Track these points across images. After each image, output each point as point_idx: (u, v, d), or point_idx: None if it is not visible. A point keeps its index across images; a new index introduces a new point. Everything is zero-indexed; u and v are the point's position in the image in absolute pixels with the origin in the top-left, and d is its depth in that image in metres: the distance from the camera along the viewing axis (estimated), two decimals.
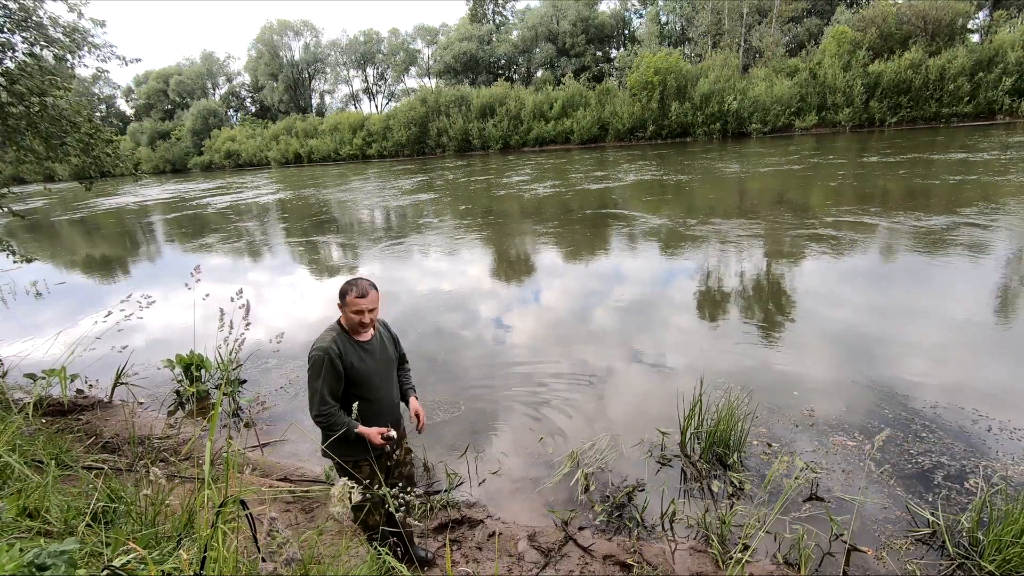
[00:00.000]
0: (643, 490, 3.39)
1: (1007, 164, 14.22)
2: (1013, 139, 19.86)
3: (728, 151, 25.22)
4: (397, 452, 2.65)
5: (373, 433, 2.38)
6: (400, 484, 2.49)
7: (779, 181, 15.32)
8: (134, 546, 1.61)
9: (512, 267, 9.12)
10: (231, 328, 2.04)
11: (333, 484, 2.02)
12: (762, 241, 9.08)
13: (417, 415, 2.71)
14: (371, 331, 2.50)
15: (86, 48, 6.07)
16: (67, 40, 5.81)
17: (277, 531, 1.37)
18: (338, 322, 2.45)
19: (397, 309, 7.20)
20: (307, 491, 3.46)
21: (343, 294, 2.35)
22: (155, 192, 33.97)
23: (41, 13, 5.60)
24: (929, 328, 5.32)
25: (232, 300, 2.10)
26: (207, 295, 3.55)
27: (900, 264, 7.39)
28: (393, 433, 2.42)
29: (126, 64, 6.78)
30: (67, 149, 5.93)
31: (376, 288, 2.40)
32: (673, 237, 9.82)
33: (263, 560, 1.45)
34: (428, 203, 17.50)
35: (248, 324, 2.03)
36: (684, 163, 21.80)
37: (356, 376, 2.40)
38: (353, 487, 1.72)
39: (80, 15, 5.92)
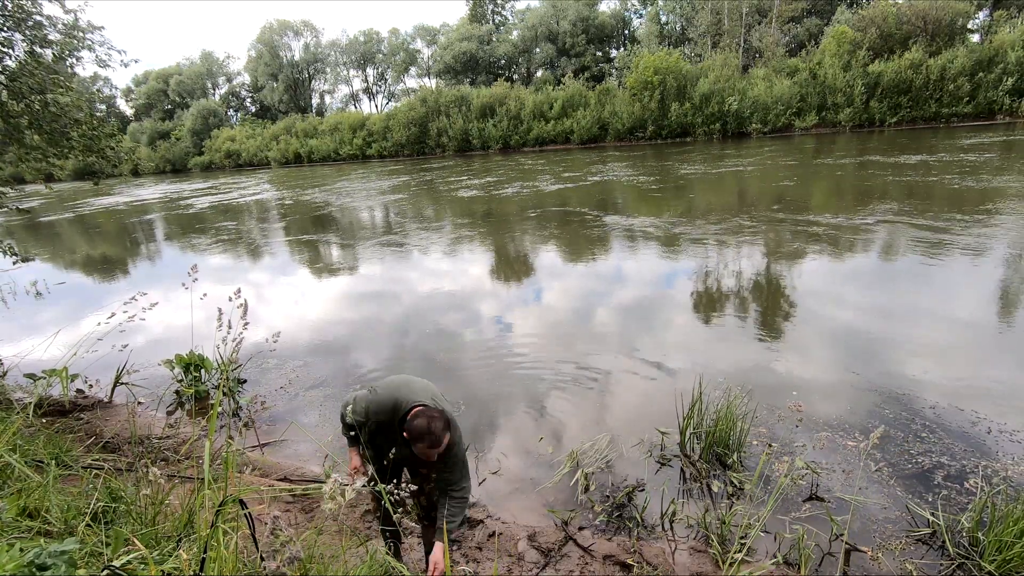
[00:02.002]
0: (643, 490, 3.39)
1: (945, 166, 14.71)
2: (968, 141, 20.33)
3: (705, 153, 25.56)
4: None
5: (352, 462, 2.34)
6: (423, 502, 2.49)
7: (720, 183, 16.27)
8: (138, 544, 1.61)
9: (443, 265, 9.44)
10: (229, 328, 2.04)
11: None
12: (669, 238, 9.88)
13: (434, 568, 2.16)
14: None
15: (84, 49, 6.07)
16: (66, 39, 5.81)
17: (280, 530, 1.37)
18: None
19: (368, 308, 7.20)
20: (307, 491, 3.46)
21: (415, 437, 2.04)
22: (146, 192, 34.19)
23: (37, 9, 5.59)
24: (924, 328, 5.32)
25: (230, 300, 2.10)
26: (204, 294, 3.55)
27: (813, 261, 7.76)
28: (362, 480, 2.12)
29: (124, 65, 6.78)
30: (72, 144, 5.94)
31: (450, 427, 2.12)
32: (599, 233, 10.34)
33: (262, 559, 1.45)
34: (393, 204, 18.29)
35: (246, 324, 2.03)
36: (650, 165, 22.50)
37: (372, 442, 2.32)
38: (345, 485, 1.71)
39: (77, 18, 5.92)
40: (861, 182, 13.81)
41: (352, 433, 2.36)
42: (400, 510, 1.99)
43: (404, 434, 2.09)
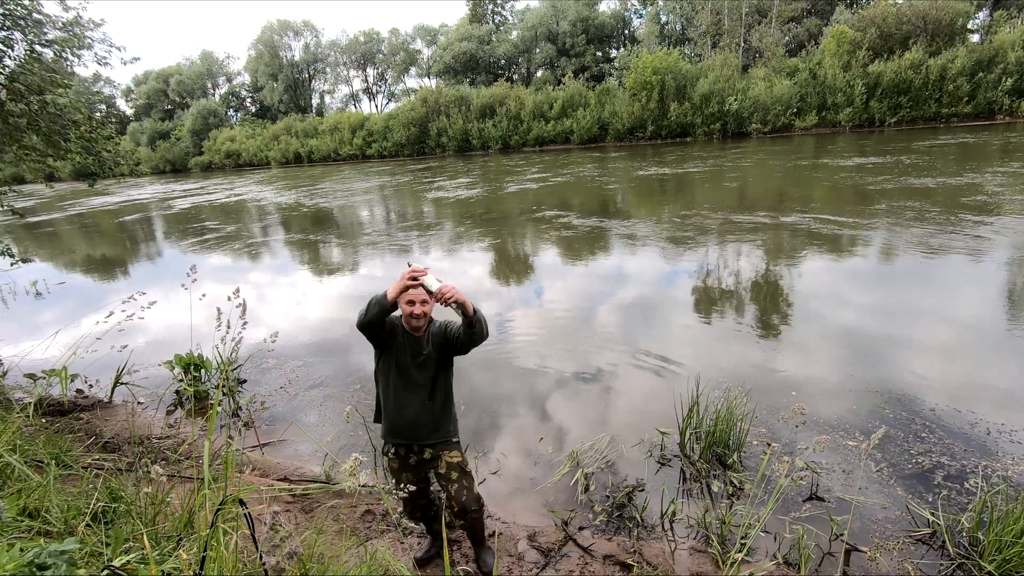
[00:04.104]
0: (643, 490, 3.39)
1: (881, 168, 15.40)
2: (922, 143, 21.03)
3: (682, 154, 26.10)
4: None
5: (398, 282, 2.25)
6: (455, 508, 2.52)
7: (670, 183, 17.24)
8: (145, 542, 1.61)
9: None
10: (228, 327, 2.05)
11: (333, 484, 2.03)
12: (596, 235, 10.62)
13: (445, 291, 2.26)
14: (422, 329, 2.48)
15: (84, 47, 6.05)
16: (66, 36, 5.79)
17: (280, 525, 1.37)
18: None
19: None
20: (307, 491, 3.46)
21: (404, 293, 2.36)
22: (138, 193, 34.48)
23: (37, 8, 5.58)
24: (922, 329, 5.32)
25: (229, 299, 2.10)
26: (204, 295, 3.56)
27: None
28: (414, 268, 2.23)
29: (124, 63, 6.78)
30: (69, 146, 5.93)
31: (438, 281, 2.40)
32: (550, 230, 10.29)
33: (261, 557, 1.45)
34: (358, 204, 19.29)
35: (245, 323, 2.04)
36: (616, 167, 23.53)
37: (388, 356, 2.46)
38: (362, 461, 1.77)
39: (79, 15, 5.90)
40: (801, 182, 14.81)
41: (364, 307, 2.33)
42: (400, 510, 1.99)
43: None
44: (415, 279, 2.21)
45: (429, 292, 2.26)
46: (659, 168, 20.88)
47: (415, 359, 2.46)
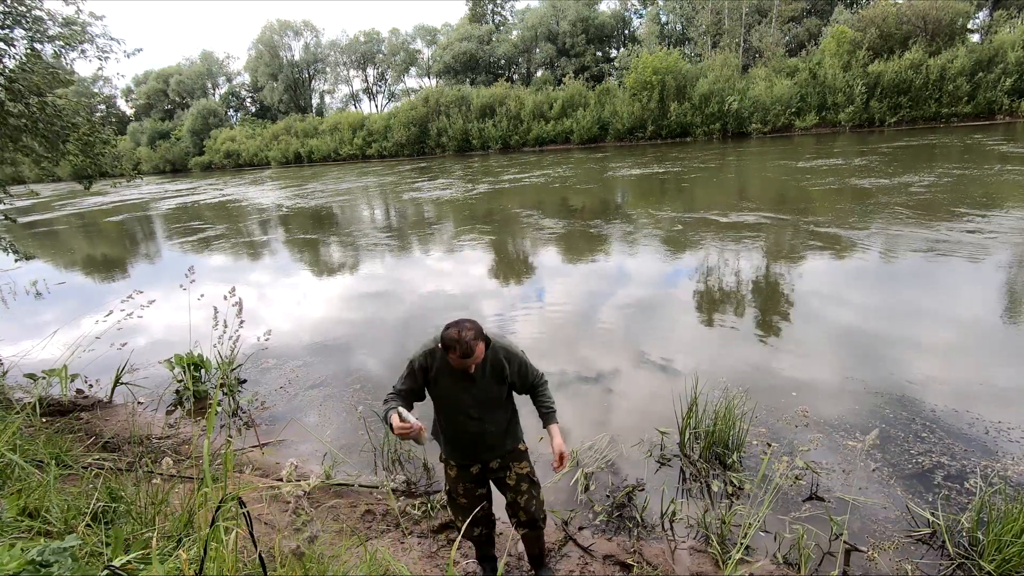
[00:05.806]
0: (643, 490, 3.39)
1: (819, 173, 15.76)
2: (886, 145, 21.43)
3: (664, 155, 26.31)
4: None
5: (393, 420, 2.13)
6: (522, 518, 2.44)
7: (639, 182, 17.85)
8: (154, 541, 1.61)
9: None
10: (225, 327, 2.05)
11: (332, 483, 2.03)
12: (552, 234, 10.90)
13: (560, 456, 2.33)
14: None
15: (86, 42, 6.04)
16: (67, 32, 5.78)
17: (303, 509, 1.37)
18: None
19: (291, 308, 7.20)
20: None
21: (446, 347, 2.08)
22: (130, 193, 34.64)
23: (38, 4, 5.57)
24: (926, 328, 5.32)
25: (225, 299, 2.10)
26: (202, 295, 3.55)
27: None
28: (407, 427, 2.10)
29: (127, 55, 6.77)
30: (67, 148, 5.93)
31: (483, 337, 2.13)
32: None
33: (261, 559, 1.45)
34: (337, 205, 19.73)
35: (242, 322, 2.04)
36: (590, 167, 24.08)
37: (439, 392, 2.29)
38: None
39: (79, 9, 5.89)
40: (755, 183, 15.55)
41: (384, 407, 2.26)
42: (399, 504, 1.99)
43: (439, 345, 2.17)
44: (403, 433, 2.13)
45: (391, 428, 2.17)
46: (630, 169, 21.22)
47: (466, 390, 2.28)
